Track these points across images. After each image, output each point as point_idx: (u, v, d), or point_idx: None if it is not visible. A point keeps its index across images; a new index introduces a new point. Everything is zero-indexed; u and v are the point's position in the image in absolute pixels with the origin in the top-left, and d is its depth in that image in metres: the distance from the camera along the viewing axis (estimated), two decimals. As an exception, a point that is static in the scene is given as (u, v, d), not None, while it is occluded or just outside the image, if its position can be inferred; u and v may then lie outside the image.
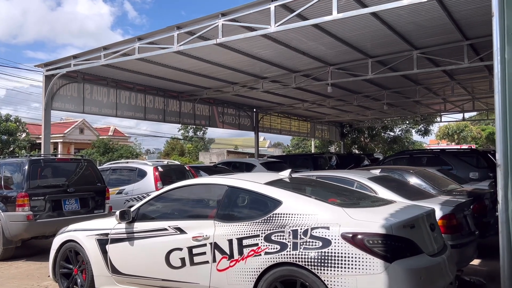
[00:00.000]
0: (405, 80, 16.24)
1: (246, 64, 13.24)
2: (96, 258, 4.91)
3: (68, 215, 7.82)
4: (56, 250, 5.36)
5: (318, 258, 3.46)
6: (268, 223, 3.84)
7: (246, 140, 59.90)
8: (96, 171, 8.76)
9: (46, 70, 12.70)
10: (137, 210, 4.80)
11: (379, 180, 5.90)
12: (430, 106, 24.11)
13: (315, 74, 14.13)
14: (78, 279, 5.14)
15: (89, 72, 13.65)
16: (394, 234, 3.42)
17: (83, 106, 14.03)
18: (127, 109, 15.50)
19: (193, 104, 18.16)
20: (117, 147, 40.26)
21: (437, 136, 50.14)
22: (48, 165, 8.07)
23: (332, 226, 3.54)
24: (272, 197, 4.04)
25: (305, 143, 46.47)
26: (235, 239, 3.94)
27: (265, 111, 22.44)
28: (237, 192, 4.34)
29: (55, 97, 13.11)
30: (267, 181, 4.36)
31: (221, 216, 4.19)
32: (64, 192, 7.87)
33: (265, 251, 3.73)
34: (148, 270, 4.51)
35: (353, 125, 30.99)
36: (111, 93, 14.86)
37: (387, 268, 3.30)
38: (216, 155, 38.26)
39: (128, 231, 4.71)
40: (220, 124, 20.07)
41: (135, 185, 9.97)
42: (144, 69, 13.40)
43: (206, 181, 4.83)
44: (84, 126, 48.43)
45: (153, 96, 16.41)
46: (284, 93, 17.99)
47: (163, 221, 4.55)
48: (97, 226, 5.09)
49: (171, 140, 50.08)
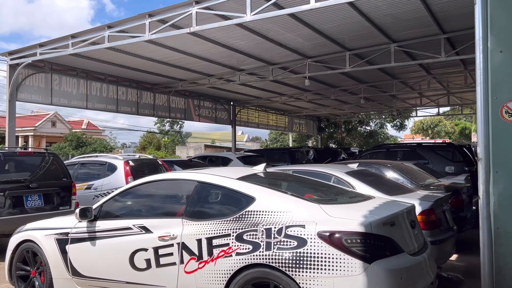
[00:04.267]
0: (382, 74, 16.23)
1: (223, 56, 12.89)
2: (55, 260, 4.54)
3: (31, 212, 7.35)
4: (12, 250, 4.96)
5: (293, 259, 3.21)
6: (240, 222, 3.57)
7: (224, 134, 59.44)
8: (61, 165, 8.28)
9: (11, 59, 12.05)
10: (99, 207, 4.45)
11: (357, 175, 5.70)
12: (406, 101, 24.30)
13: (292, 67, 13.91)
14: (36, 282, 4.76)
15: (57, 62, 13.05)
16: (374, 232, 3.21)
17: (51, 98, 13.41)
18: (99, 101, 14.92)
19: (168, 96, 17.68)
20: (90, 141, 39.19)
21: (412, 130, 50.99)
22: (8, 159, 7.55)
23: (308, 224, 3.30)
24: (244, 193, 3.77)
25: (283, 137, 46.47)
26: (204, 238, 3.65)
27: (243, 105, 22.14)
28: (208, 188, 4.05)
29: (21, 87, 12.46)
30: (239, 176, 4.08)
31: (190, 214, 3.89)
32: (26, 187, 7.38)
33: (236, 252, 3.46)
34: (111, 272, 4.18)
35: (330, 119, 31.04)
36: (81, 84, 14.26)
37: (366, 269, 3.08)
38: (193, 149, 37.75)
39: (89, 230, 4.35)
40: (196, 117, 19.66)
41: (104, 180, 9.53)
42: (115, 59, 12.88)
43: (174, 176, 4.52)
44: (56, 119, 47.02)
45: (125, 88, 15.87)
46: (261, 86, 17.72)
47: (127, 220, 4.22)
48: (57, 224, 4.71)
49: (148, 134, 49.20)
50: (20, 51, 11.91)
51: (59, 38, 11.11)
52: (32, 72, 12.64)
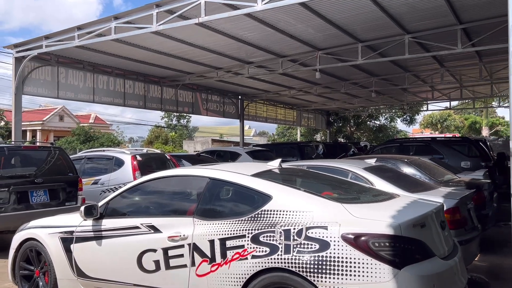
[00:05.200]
0: (394, 66, 15.84)
1: (231, 48, 12.60)
2: (59, 259, 4.32)
3: (37, 207, 7.16)
4: (16, 249, 4.75)
5: (315, 263, 2.95)
6: (256, 222, 3.31)
7: (231, 129, 59.16)
8: (67, 160, 8.07)
9: (16, 52, 11.86)
10: (105, 205, 4.21)
11: (375, 171, 5.41)
12: (417, 94, 23.87)
13: (302, 59, 13.58)
14: (40, 282, 4.54)
15: (63, 55, 12.84)
16: (403, 235, 2.93)
17: (57, 91, 13.21)
18: (106, 94, 14.71)
19: (175, 90, 17.43)
20: (98, 135, 39.17)
21: (421, 125, 50.37)
22: (13, 154, 7.36)
23: (330, 226, 3.03)
24: (260, 191, 3.50)
25: (290, 132, 46.14)
26: (217, 239, 3.40)
27: (251, 99, 21.84)
28: (220, 185, 3.79)
29: (27, 81, 12.28)
30: (254, 173, 3.81)
31: (201, 213, 3.64)
32: (32, 183, 7.19)
33: (252, 254, 3.21)
34: (118, 274, 3.95)
35: (339, 113, 30.64)
36: (88, 77, 14.05)
37: (396, 275, 2.80)
38: (200, 144, 37.57)
39: (95, 229, 4.12)
40: (204, 111, 19.40)
41: (111, 175, 9.32)
42: (122, 51, 12.64)
43: (184, 172, 4.25)
44: (64, 113, 47.06)
45: (133, 81, 15.64)
46: (270, 79, 17.42)
47: (135, 218, 3.97)
48: (61, 222, 4.48)
49: (155, 128, 49.10)
50: (26, 43, 11.70)
51: (65, 30, 10.89)
52: (38, 65, 12.44)
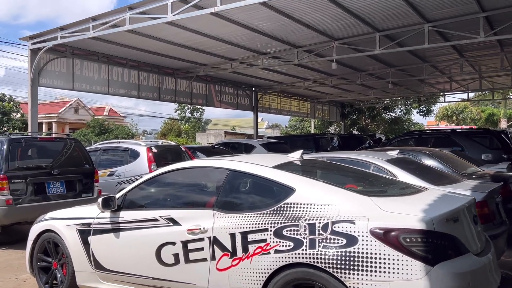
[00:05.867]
0: (412, 56, 15.48)
1: (246, 38, 12.42)
2: (77, 252, 4.26)
3: (53, 199, 7.18)
4: (33, 241, 4.72)
5: (341, 259, 2.82)
6: (279, 215, 3.19)
7: (244, 121, 59.08)
8: (83, 151, 8.06)
9: (32, 44, 11.85)
10: (123, 196, 4.13)
11: (398, 163, 5.23)
12: (434, 86, 23.39)
13: (318, 50, 13.33)
14: (58, 274, 4.50)
15: (78, 46, 12.81)
16: (437, 230, 2.78)
17: (72, 83, 13.20)
18: (120, 86, 14.68)
19: (189, 82, 17.33)
20: (112, 128, 39.45)
21: (436, 117, 49.50)
22: (30, 145, 7.37)
23: (358, 220, 2.89)
24: (282, 184, 3.37)
25: (303, 124, 45.80)
26: (238, 233, 3.29)
27: (264, 90, 21.64)
28: (241, 177, 3.67)
29: (42, 72, 12.29)
30: (275, 164, 3.68)
31: (221, 205, 3.53)
32: (48, 174, 7.19)
33: (275, 249, 3.09)
34: (136, 267, 3.87)
35: (354, 105, 30.24)
36: (103, 69, 14.03)
37: (428, 273, 2.66)
38: (213, 136, 37.59)
39: (113, 221, 4.04)
40: (218, 103, 19.29)
41: (127, 166, 9.31)
42: (137, 43, 12.56)
43: (203, 164, 4.14)
44: (79, 106, 47.47)
45: (147, 73, 15.58)
46: (284, 70, 17.19)
47: (153, 210, 3.89)
48: (79, 214, 4.42)
49: (169, 120, 49.26)
50: (41, 35, 11.69)
51: (80, 21, 10.83)
52: (53, 56, 12.44)
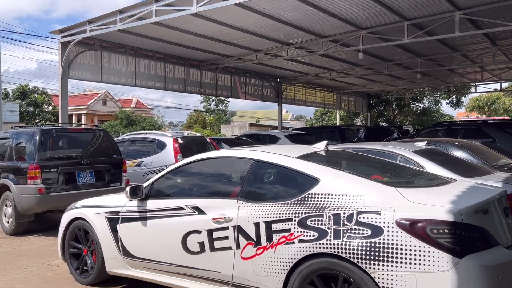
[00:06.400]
0: (442, 46, 15.04)
1: (271, 29, 12.36)
2: (106, 239, 4.39)
3: (83, 188, 7.38)
4: (65, 228, 4.88)
5: (367, 249, 2.80)
6: (303, 205, 3.19)
7: (268, 113, 59.05)
8: (112, 142, 8.25)
9: (62, 37, 12.17)
10: (150, 186, 4.21)
11: (426, 154, 5.13)
12: (465, 76, 22.68)
13: (344, 40, 13.12)
14: (88, 260, 4.65)
15: (106, 39, 13.06)
16: (465, 221, 2.72)
17: (101, 75, 13.50)
18: (147, 78, 14.91)
19: (214, 73, 17.42)
20: (139, 119, 40.17)
21: (467, 108, 48.06)
22: (61, 136, 7.58)
23: (384, 211, 2.86)
24: (307, 174, 3.37)
25: (329, 116, 45.37)
26: (262, 222, 3.31)
27: (289, 81, 21.52)
28: (265, 167, 3.68)
29: (72, 65, 12.61)
30: (300, 155, 3.68)
31: (245, 195, 3.55)
32: (78, 164, 7.40)
33: (299, 239, 3.09)
34: (163, 255, 3.96)
35: (381, 96, 29.70)
36: (130, 61, 14.27)
37: (456, 265, 2.61)
38: (238, 128, 37.68)
39: (140, 210, 4.14)
40: (242, 95, 19.33)
41: (154, 157, 9.46)
42: (163, 35, 12.70)
43: (228, 154, 4.17)
44: (107, 98, 48.50)
45: (173, 65, 15.76)
46: (309, 61, 17.03)
47: (179, 199, 3.96)
48: (107, 203, 4.55)
49: (194, 112, 49.75)
50: (71, 28, 11.97)
51: (108, 14, 11.03)
52: (82, 49, 12.73)
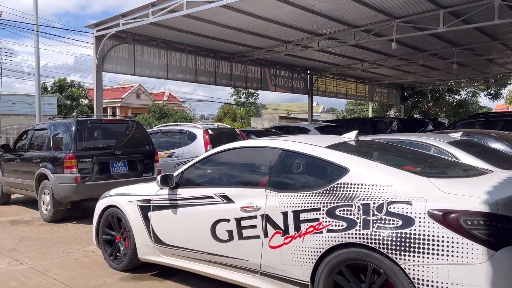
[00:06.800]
0: (480, 34, 14.44)
1: (301, 20, 12.23)
2: (138, 226, 4.51)
3: (117, 178, 7.58)
4: (99, 215, 5.05)
5: (397, 240, 2.74)
6: (331, 195, 3.15)
7: (298, 106, 58.58)
8: (144, 133, 8.44)
9: (96, 31, 12.49)
10: (180, 174, 4.28)
11: (461, 145, 4.96)
12: (504, 66, 21.73)
13: (377, 29, 12.83)
14: (121, 247, 4.80)
15: (139, 33, 13.32)
16: (501, 213, 2.61)
17: (134, 68, 13.80)
18: (178, 71, 15.12)
19: (244, 66, 17.45)
20: (172, 112, 40.84)
21: (507, 100, 46.08)
22: (95, 127, 7.83)
23: (415, 201, 2.79)
24: (336, 163, 3.32)
25: (361, 108, 44.63)
26: (290, 211, 3.30)
27: (320, 73, 21.28)
28: (293, 157, 3.67)
29: (106, 58, 12.94)
30: (329, 144, 3.63)
31: (273, 184, 3.55)
32: (112, 154, 7.61)
33: (327, 228, 3.07)
34: (193, 242, 4.02)
35: (415, 87, 28.91)
36: (162, 54, 14.50)
37: (491, 257, 2.52)
38: (268, 121, 37.62)
39: (171, 198, 4.22)
40: (272, 87, 19.28)
41: (185, 148, 9.61)
42: (194, 27, 12.81)
43: (256, 144, 4.18)
44: (140, 91, 49.56)
45: (204, 58, 15.89)
46: (341, 52, 16.76)
47: (208, 188, 4.01)
48: (139, 191, 4.66)
49: (224, 105, 50.13)
50: (105, 22, 12.27)
51: (140, 8, 11.22)
52: (116, 43, 13.03)
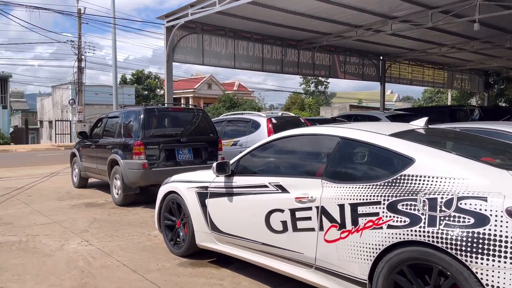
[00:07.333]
0: None
1: (373, 2, 11.61)
2: (196, 213, 4.53)
3: (183, 164, 7.75)
4: (160, 200, 5.15)
5: (468, 240, 2.41)
6: (393, 187, 2.87)
7: (371, 94, 56.43)
8: (209, 121, 8.55)
9: (167, 22, 12.87)
10: (236, 162, 4.21)
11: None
12: None
13: (457, 10, 11.79)
14: (181, 233, 4.86)
15: (207, 22, 13.51)
16: None
17: (202, 58, 14.07)
18: (245, 60, 15.17)
19: (312, 53, 17.05)
20: (241, 102, 41.42)
21: None
22: (162, 115, 8.06)
23: (491, 197, 2.43)
24: (399, 153, 3.02)
25: (440, 97, 41.89)
26: (347, 204, 3.07)
27: (393, 59, 20.19)
28: (352, 145, 3.41)
29: (176, 49, 13.31)
30: (393, 132, 3.32)
31: (330, 175, 3.33)
32: (178, 141, 7.80)
33: (388, 224, 2.80)
34: (247, 231, 3.94)
35: (501, 73, 26.40)
36: (229, 43, 14.62)
37: None
38: (337, 110, 36.69)
39: (226, 186, 4.16)
40: (341, 74, 18.66)
41: (249, 137, 9.61)
42: (260, 15, 12.71)
43: (313, 131, 3.96)
44: (212, 82, 50.83)
45: (270, 46, 15.77)
46: (416, 35, 15.70)
47: (263, 177, 3.88)
48: (198, 178, 4.67)
49: (293, 95, 49.81)
50: (174, 13, 12.59)
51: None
52: (185, 33, 13.34)
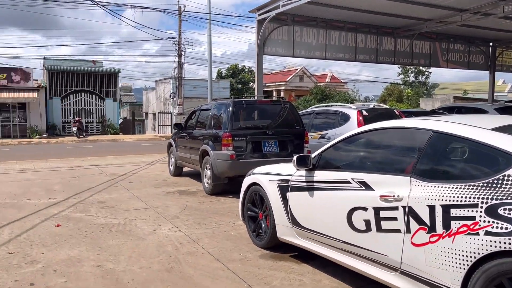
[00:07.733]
0: None
1: (481, -19, 10.46)
2: (277, 206, 4.49)
3: (269, 157, 7.78)
4: (244, 192, 5.21)
5: None
6: (494, 189, 2.52)
7: (479, 84, 51.36)
8: (295, 114, 8.46)
9: (258, 15, 12.99)
10: (318, 156, 4.06)
11: None
12: None
13: None
14: (263, 224, 4.87)
15: (298, 13, 13.38)
16: None
17: (292, 50, 13.99)
18: (337, 50, 14.75)
19: (410, 40, 15.98)
20: (333, 94, 40.59)
21: None
22: (250, 107, 8.15)
23: None
24: (503, 150, 2.64)
25: None
26: (439, 205, 2.77)
27: (506, 45, 18.09)
28: (446, 140, 3.06)
29: (267, 41, 13.39)
30: (496, 126, 2.92)
31: (420, 172, 3.04)
32: (264, 134, 7.84)
33: (485, 230, 2.47)
34: (328, 228, 3.79)
35: None
36: (320, 34, 14.32)
37: None
38: (440, 102, 34.08)
39: (307, 180, 4.05)
40: (443, 63, 17.22)
41: (337, 129, 9.31)
42: (354, 3, 12.23)
43: (402, 124, 3.65)
44: (304, 74, 50.55)
45: (364, 35, 15.12)
46: (535, 17, 13.84)
47: (346, 172, 3.68)
48: (279, 170, 4.62)
49: (390, 86, 47.45)
50: (266, 5, 12.66)
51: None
52: (276, 25, 13.36)
